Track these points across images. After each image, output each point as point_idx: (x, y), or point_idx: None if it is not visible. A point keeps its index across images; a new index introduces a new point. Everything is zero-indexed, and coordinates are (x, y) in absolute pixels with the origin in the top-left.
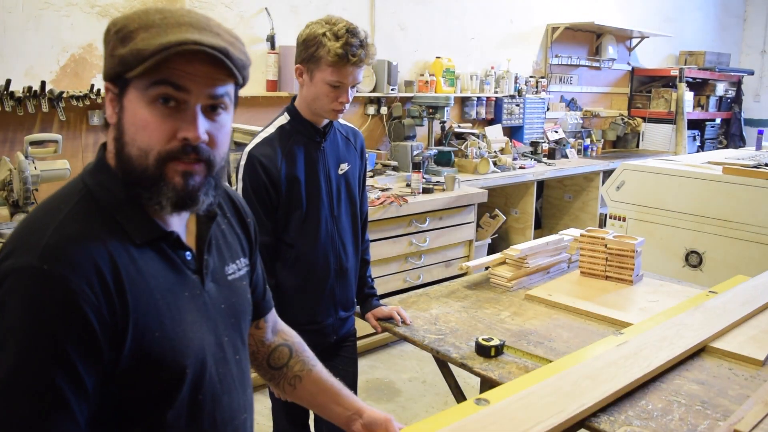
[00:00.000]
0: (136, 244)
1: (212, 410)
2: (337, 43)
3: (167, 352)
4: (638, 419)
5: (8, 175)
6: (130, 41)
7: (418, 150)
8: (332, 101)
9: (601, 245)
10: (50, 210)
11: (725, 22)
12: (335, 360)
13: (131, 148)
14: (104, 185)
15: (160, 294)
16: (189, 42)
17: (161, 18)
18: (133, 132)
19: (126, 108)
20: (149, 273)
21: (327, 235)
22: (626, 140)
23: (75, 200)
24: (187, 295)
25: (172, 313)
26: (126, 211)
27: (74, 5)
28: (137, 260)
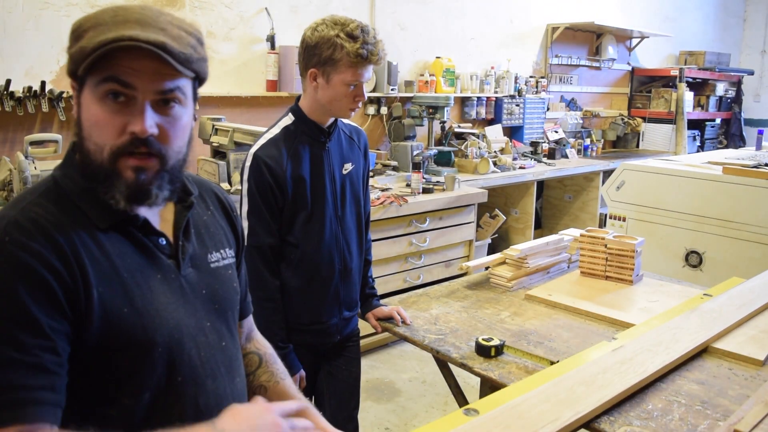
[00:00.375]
0: (101, 228)
1: (194, 394)
2: (356, 44)
3: (137, 329)
4: (638, 419)
5: (8, 175)
6: (80, 39)
7: (418, 150)
8: (350, 101)
9: (601, 245)
10: (17, 200)
11: (725, 22)
12: (339, 360)
13: (88, 143)
14: (69, 176)
15: (128, 273)
16: (125, 38)
17: (112, 16)
18: (88, 128)
19: (82, 105)
20: (114, 253)
21: (332, 235)
22: (626, 140)
23: (41, 190)
24: (159, 277)
25: (143, 291)
26: (89, 199)
27: (74, 5)
28: (101, 241)
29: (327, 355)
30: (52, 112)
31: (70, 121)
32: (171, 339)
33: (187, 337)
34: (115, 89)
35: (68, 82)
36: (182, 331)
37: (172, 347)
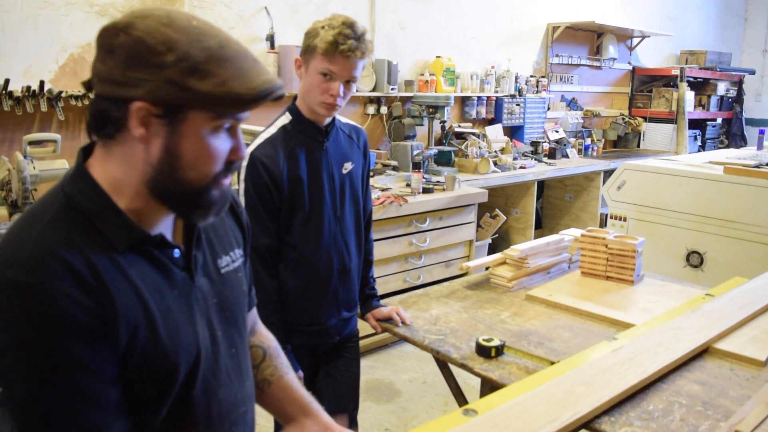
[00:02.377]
0: (119, 250)
1: (207, 405)
2: (330, 32)
3: (159, 353)
4: (639, 420)
5: (7, 174)
6: (206, 75)
7: (418, 150)
8: (323, 93)
9: (601, 245)
10: (30, 220)
11: (726, 22)
12: (338, 361)
13: (190, 172)
14: (84, 192)
15: (149, 294)
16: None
17: (218, 46)
18: (194, 158)
19: (185, 135)
20: (136, 276)
21: (330, 236)
22: (627, 140)
23: (54, 209)
24: (176, 294)
25: (162, 313)
26: (106, 219)
27: (73, 4)
28: (121, 264)
29: (326, 356)
30: (50, 111)
31: (68, 121)
32: (189, 357)
33: (202, 351)
34: (232, 124)
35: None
36: (198, 345)
37: (190, 365)
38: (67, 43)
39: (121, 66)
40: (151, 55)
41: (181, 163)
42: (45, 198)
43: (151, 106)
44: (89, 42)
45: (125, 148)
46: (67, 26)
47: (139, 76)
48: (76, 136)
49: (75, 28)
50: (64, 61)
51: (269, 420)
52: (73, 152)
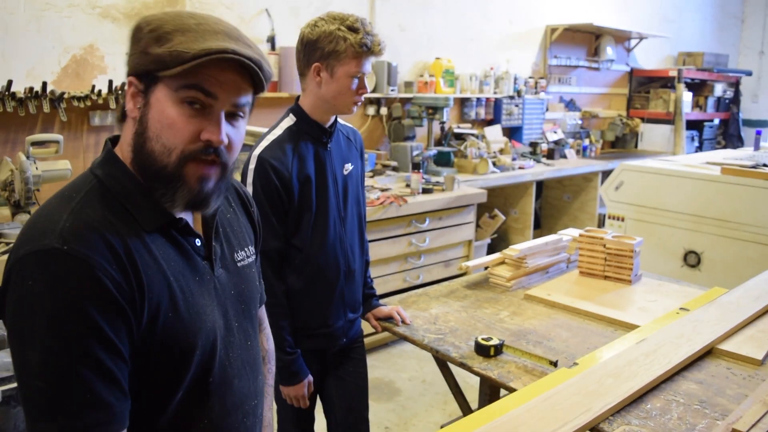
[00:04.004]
0: (146, 230)
1: (222, 394)
2: (358, 36)
3: (180, 333)
4: (637, 419)
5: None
6: (166, 42)
7: (418, 150)
8: (354, 94)
9: (599, 245)
10: (62, 199)
11: (723, 23)
12: (347, 364)
13: (155, 143)
14: (113, 175)
15: (173, 277)
16: (229, 51)
17: (196, 23)
18: (158, 128)
19: (152, 105)
20: (161, 257)
21: (335, 237)
22: (625, 141)
23: (85, 189)
24: (197, 280)
25: (185, 295)
26: (135, 200)
27: (75, 6)
28: (149, 244)
29: (334, 360)
30: (53, 112)
31: (71, 122)
32: (207, 342)
33: (220, 339)
34: (198, 98)
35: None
36: (216, 333)
37: (207, 350)
38: (70, 44)
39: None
40: (138, 32)
41: (149, 134)
42: (75, 181)
43: (135, 80)
44: (91, 43)
45: (125, 129)
46: (69, 28)
47: (130, 52)
48: (78, 137)
49: (77, 30)
50: (67, 63)
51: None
52: (75, 153)
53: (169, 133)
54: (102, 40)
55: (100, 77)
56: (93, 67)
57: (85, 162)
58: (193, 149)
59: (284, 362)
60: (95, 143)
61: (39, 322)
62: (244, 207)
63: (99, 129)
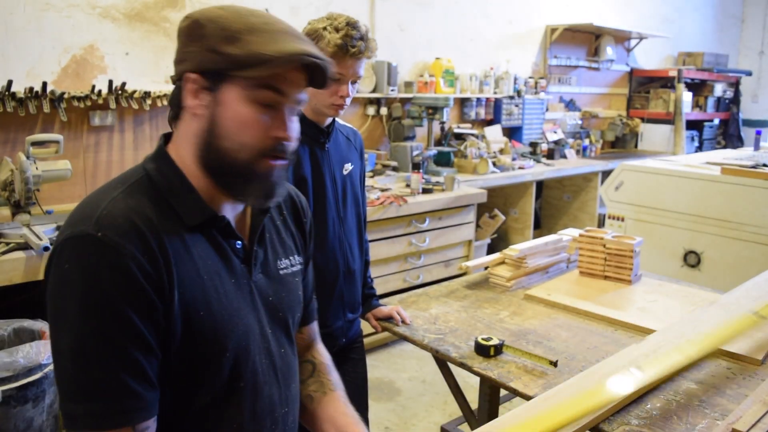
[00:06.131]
0: (187, 227)
1: (253, 399)
2: (337, 35)
3: (210, 333)
4: (637, 419)
5: (10, 175)
6: (238, 41)
7: (418, 150)
8: (332, 95)
9: (599, 245)
10: (108, 189)
11: (723, 23)
12: (346, 365)
13: (227, 141)
14: (161, 171)
15: (208, 276)
16: (308, 54)
17: (262, 23)
18: (231, 127)
19: (223, 103)
20: (197, 254)
21: (335, 237)
22: (625, 141)
23: (131, 182)
24: (233, 282)
25: (219, 296)
26: (180, 196)
27: (75, 6)
28: (186, 241)
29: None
30: (53, 112)
31: (71, 122)
32: (239, 345)
33: (253, 344)
34: (271, 98)
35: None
36: (249, 337)
37: (239, 353)
38: (70, 44)
39: (181, 47)
40: (199, 29)
41: (220, 132)
42: (126, 173)
43: (199, 77)
44: (91, 44)
45: (184, 125)
46: (69, 28)
47: (189, 49)
48: (78, 137)
49: (77, 30)
50: (67, 63)
51: None
52: (75, 153)
53: (244, 131)
54: (102, 40)
55: (100, 77)
56: (93, 67)
57: (86, 162)
58: (264, 147)
59: None
60: (95, 143)
61: (71, 307)
62: (296, 215)
63: (99, 129)
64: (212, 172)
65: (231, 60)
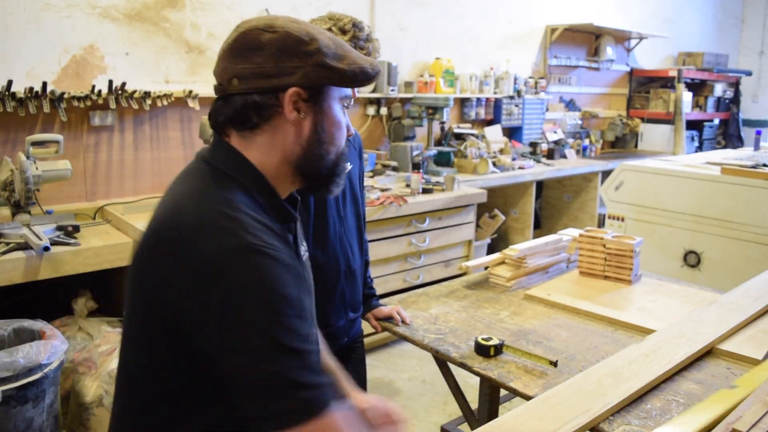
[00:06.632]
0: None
1: None
2: (345, 37)
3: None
4: (637, 419)
5: (10, 175)
6: (344, 59)
7: (418, 150)
8: None
9: (599, 245)
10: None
11: (723, 23)
12: (347, 364)
13: (329, 145)
14: (256, 181)
15: (299, 269)
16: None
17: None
18: (333, 131)
19: (326, 112)
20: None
21: (335, 236)
22: (625, 141)
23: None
24: (303, 276)
25: (304, 291)
26: (272, 202)
27: (75, 6)
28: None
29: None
30: (53, 112)
31: (71, 122)
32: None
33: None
34: (348, 103)
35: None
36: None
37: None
38: (70, 44)
39: (272, 59)
40: (301, 45)
41: (325, 138)
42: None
43: (301, 90)
44: (92, 44)
45: (271, 134)
46: (69, 28)
47: (293, 64)
48: (78, 137)
49: (77, 30)
50: (67, 63)
51: None
52: (75, 153)
53: (339, 133)
54: (102, 40)
55: (100, 77)
56: (93, 67)
57: (86, 161)
58: (345, 144)
59: None
60: (95, 143)
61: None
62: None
63: (99, 129)
64: (308, 175)
65: (341, 75)
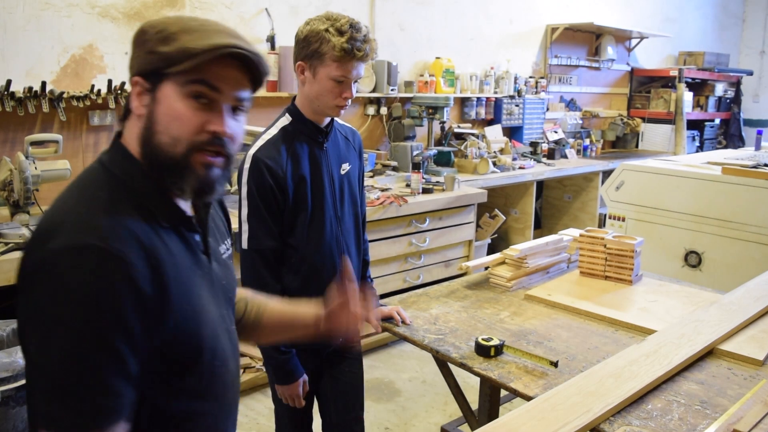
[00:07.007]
0: (163, 227)
1: (223, 374)
2: (342, 38)
3: (193, 324)
4: (638, 419)
5: (9, 175)
6: (173, 41)
7: (418, 150)
8: (336, 97)
9: (600, 245)
10: (89, 197)
11: (724, 23)
12: (342, 363)
13: (162, 136)
14: (129, 173)
15: (185, 272)
16: (234, 45)
17: (199, 24)
18: (166, 122)
19: (160, 100)
20: (175, 253)
21: (332, 236)
22: (625, 140)
23: (107, 187)
24: (200, 273)
25: (195, 289)
26: (154, 198)
27: (75, 6)
28: (166, 241)
29: (329, 359)
30: (52, 112)
31: (70, 122)
32: (213, 331)
33: (218, 327)
34: (203, 92)
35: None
36: (216, 321)
37: (214, 337)
38: (69, 44)
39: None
40: (141, 35)
41: (157, 128)
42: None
43: (141, 80)
44: (91, 43)
45: (129, 127)
46: (68, 27)
47: (135, 54)
48: (77, 137)
49: (76, 29)
50: (66, 62)
51: (270, 420)
52: (74, 152)
53: (177, 125)
54: (101, 40)
55: (99, 77)
56: (92, 66)
57: (85, 162)
58: (199, 140)
59: (279, 362)
60: (94, 143)
61: (71, 313)
62: (221, 204)
63: (98, 129)
64: (153, 169)
65: (163, 58)
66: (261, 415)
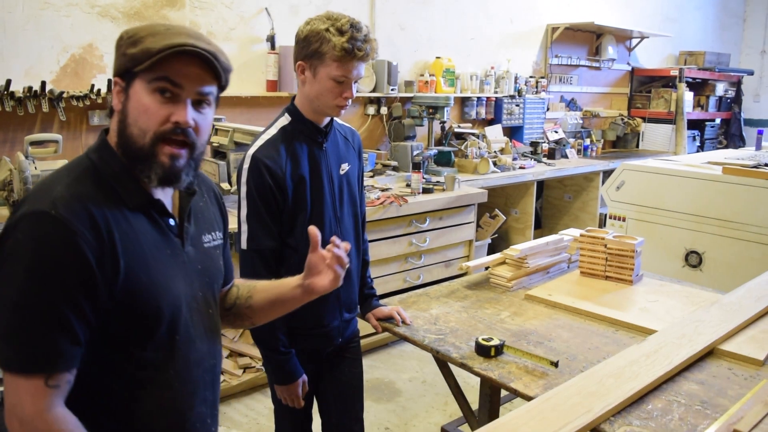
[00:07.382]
0: (130, 207)
1: (187, 351)
2: (343, 38)
3: (150, 294)
4: (638, 419)
5: (8, 175)
6: (139, 43)
7: (418, 150)
8: (336, 97)
9: (600, 245)
10: (58, 176)
11: (725, 23)
12: (342, 364)
13: (133, 128)
14: (104, 159)
15: (147, 248)
16: (188, 44)
17: (165, 29)
18: (135, 115)
19: (131, 96)
20: (138, 230)
21: (331, 236)
22: (626, 140)
23: (80, 169)
24: (168, 253)
25: (157, 264)
26: (122, 181)
27: (74, 5)
28: (129, 219)
29: (329, 360)
30: (52, 112)
31: (70, 121)
32: (174, 305)
33: (185, 304)
34: (166, 87)
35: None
36: (181, 299)
37: (174, 311)
38: (69, 43)
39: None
40: (120, 41)
41: (129, 120)
42: (71, 163)
43: (118, 80)
44: (90, 43)
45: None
46: (68, 27)
47: (114, 58)
48: (77, 137)
49: (76, 29)
50: (66, 62)
51: (270, 420)
52: (74, 152)
53: (145, 117)
54: (101, 40)
55: (99, 76)
56: (92, 66)
57: None
58: (163, 130)
59: (278, 362)
60: None
61: (19, 269)
62: (216, 199)
63: (98, 128)
64: (126, 157)
65: (131, 58)
66: (261, 415)
